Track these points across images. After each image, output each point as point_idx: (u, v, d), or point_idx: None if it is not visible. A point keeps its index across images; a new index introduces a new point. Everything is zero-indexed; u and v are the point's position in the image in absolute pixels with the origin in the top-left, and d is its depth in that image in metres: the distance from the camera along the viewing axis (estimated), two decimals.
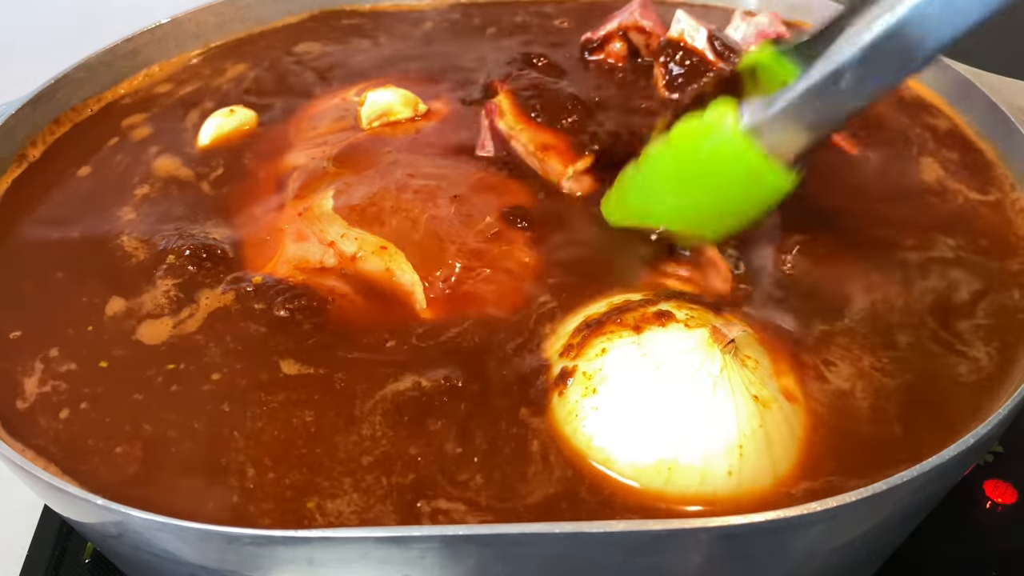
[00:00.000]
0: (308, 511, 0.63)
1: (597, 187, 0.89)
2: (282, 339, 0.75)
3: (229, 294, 0.79)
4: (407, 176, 0.88)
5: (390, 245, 0.80)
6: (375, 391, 0.70)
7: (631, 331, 0.67)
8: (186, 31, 1.17)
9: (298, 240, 0.83)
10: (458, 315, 0.76)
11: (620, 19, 1.13)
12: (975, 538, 0.84)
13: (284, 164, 0.96)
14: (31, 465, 0.62)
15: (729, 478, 0.62)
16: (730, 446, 0.62)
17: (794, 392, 0.67)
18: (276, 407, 0.69)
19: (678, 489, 0.62)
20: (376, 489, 0.64)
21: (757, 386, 0.65)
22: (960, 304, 0.78)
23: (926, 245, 0.84)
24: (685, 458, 0.62)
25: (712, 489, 0.62)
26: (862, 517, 0.59)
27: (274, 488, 0.64)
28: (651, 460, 0.63)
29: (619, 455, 0.64)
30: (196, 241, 0.84)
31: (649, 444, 0.63)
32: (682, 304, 0.70)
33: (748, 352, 0.66)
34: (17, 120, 0.98)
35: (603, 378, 0.66)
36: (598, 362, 0.67)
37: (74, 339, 0.76)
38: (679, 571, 0.60)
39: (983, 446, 0.62)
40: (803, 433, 0.66)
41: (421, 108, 1.02)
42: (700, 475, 0.62)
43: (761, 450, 0.63)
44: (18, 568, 0.86)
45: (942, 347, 0.74)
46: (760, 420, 0.63)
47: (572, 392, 0.66)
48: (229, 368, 0.73)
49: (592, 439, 0.65)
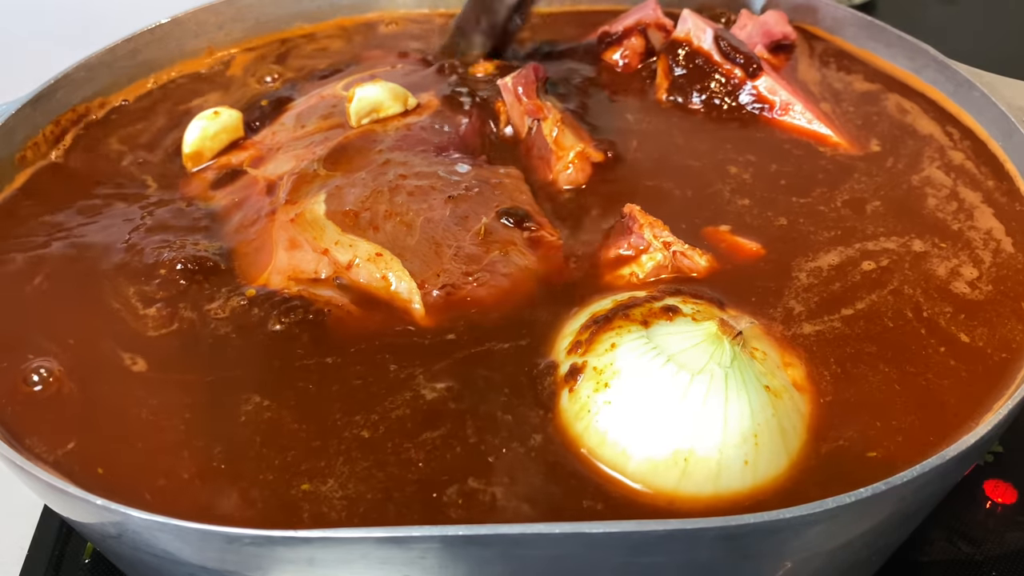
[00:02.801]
0: (305, 521, 0.62)
1: (587, 184, 0.90)
2: (278, 353, 0.74)
3: (223, 309, 0.78)
4: (400, 177, 0.87)
5: (385, 252, 0.79)
6: (375, 403, 0.70)
7: (640, 325, 0.68)
8: (186, 31, 1.17)
9: (291, 248, 0.81)
10: (458, 320, 0.75)
11: (640, 15, 1.12)
12: (975, 538, 0.84)
13: (273, 167, 0.93)
14: (31, 465, 0.62)
15: (745, 468, 0.63)
16: (745, 436, 0.63)
17: (801, 382, 0.68)
18: (273, 421, 0.69)
19: (694, 484, 0.62)
20: (380, 496, 0.63)
21: (768, 376, 0.66)
22: (960, 304, 0.78)
23: (925, 244, 0.84)
24: (702, 449, 0.63)
25: (727, 482, 0.62)
26: (862, 517, 0.59)
27: (273, 494, 0.64)
28: (667, 452, 0.63)
29: (635, 449, 0.64)
30: (186, 253, 0.82)
31: (665, 436, 0.63)
32: (687, 299, 0.71)
33: (756, 344, 0.68)
34: (17, 120, 0.98)
35: (615, 372, 0.66)
36: (608, 356, 0.67)
37: (69, 348, 0.76)
38: (679, 571, 0.60)
39: (983, 446, 0.62)
40: (812, 422, 0.67)
41: (411, 102, 0.99)
42: (717, 466, 0.62)
43: (775, 439, 0.64)
44: (18, 568, 0.86)
45: (942, 347, 0.74)
46: (773, 409, 0.64)
47: (583, 388, 0.66)
48: (224, 383, 0.72)
49: (607, 433, 0.65)
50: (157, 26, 1.14)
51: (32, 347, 0.76)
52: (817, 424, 0.67)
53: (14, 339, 0.77)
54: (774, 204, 0.89)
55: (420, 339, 0.74)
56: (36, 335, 0.77)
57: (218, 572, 0.60)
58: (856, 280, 0.80)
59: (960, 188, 0.91)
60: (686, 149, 0.97)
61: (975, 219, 0.87)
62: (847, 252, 0.83)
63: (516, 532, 0.54)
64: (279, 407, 0.70)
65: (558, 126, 0.93)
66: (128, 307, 0.79)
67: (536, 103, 0.95)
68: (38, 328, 0.78)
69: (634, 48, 1.11)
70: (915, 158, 0.95)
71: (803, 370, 0.70)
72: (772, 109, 1.00)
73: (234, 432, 0.68)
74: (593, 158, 0.93)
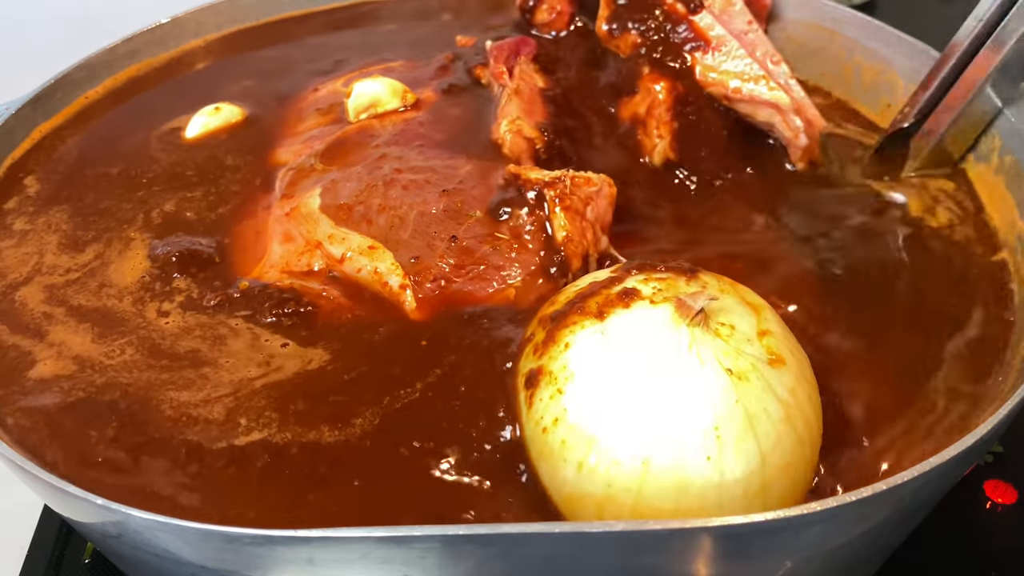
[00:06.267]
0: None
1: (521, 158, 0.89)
2: (270, 346, 0.74)
3: (216, 300, 0.78)
4: (395, 171, 0.87)
5: (378, 245, 0.79)
6: (364, 397, 0.70)
7: (594, 319, 0.63)
8: (186, 31, 1.17)
9: (285, 241, 0.82)
10: (449, 316, 0.75)
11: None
12: (975, 538, 0.84)
13: (271, 162, 0.95)
14: (31, 465, 0.62)
15: (709, 464, 0.58)
16: (705, 430, 0.59)
17: (778, 353, 0.62)
18: (264, 415, 0.69)
19: (658, 487, 0.59)
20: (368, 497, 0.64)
21: (731, 357, 0.60)
22: (960, 303, 0.78)
23: (924, 243, 0.84)
24: (660, 451, 0.59)
25: (692, 483, 0.59)
26: (862, 517, 0.59)
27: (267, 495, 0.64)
28: (627, 458, 0.59)
29: (593, 459, 0.60)
30: (182, 246, 0.83)
31: (622, 441, 0.59)
32: (650, 276, 0.65)
33: (721, 319, 0.62)
34: (17, 120, 0.98)
35: (569, 375, 0.62)
36: (563, 358, 0.62)
37: (67, 345, 0.76)
38: (679, 571, 0.60)
39: (983, 446, 0.62)
40: (796, 394, 0.61)
41: (409, 98, 1.00)
42: (678, 466, 0.58)
43: (742, 427, 0.59)
44: (18, 568, 0.86)
45: (943, 346, 0.74)
46: (736, 395, 0.59)
47: (542, 393, 0.63)
48: (217, 376, 0.72)
49: (564, 444, 0.61)
50: (157, 26, 1.14)
51: (30, 348, 0.76)
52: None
53: (11, 341, 0.77)
54: None
55: (411, 332, 0.74)
56: (32, 335, 0.77)
57: (218, 572, 0.60)
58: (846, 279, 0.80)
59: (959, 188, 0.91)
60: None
61: (973, 220, 0.87)
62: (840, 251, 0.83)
63: (516, 532, 0.54)
64: (268, 403, 0.70)
65: (508, 96, 0.93)
66: (122, 302, 0.79)
67: (498, 69, 0.95)
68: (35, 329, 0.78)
69: (554, 6, 1.08)
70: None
71: (782, 335, 0.64)
72: (708, 47, 0.95)
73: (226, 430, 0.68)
74: (527, 134, 0.90)
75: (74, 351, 0.75)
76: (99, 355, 0.75)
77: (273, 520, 0.62)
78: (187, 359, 0.74)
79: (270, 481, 0.65)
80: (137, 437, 0.68)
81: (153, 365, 0.74)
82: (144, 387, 0.72)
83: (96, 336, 0.77)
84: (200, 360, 0.74)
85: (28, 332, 0.78)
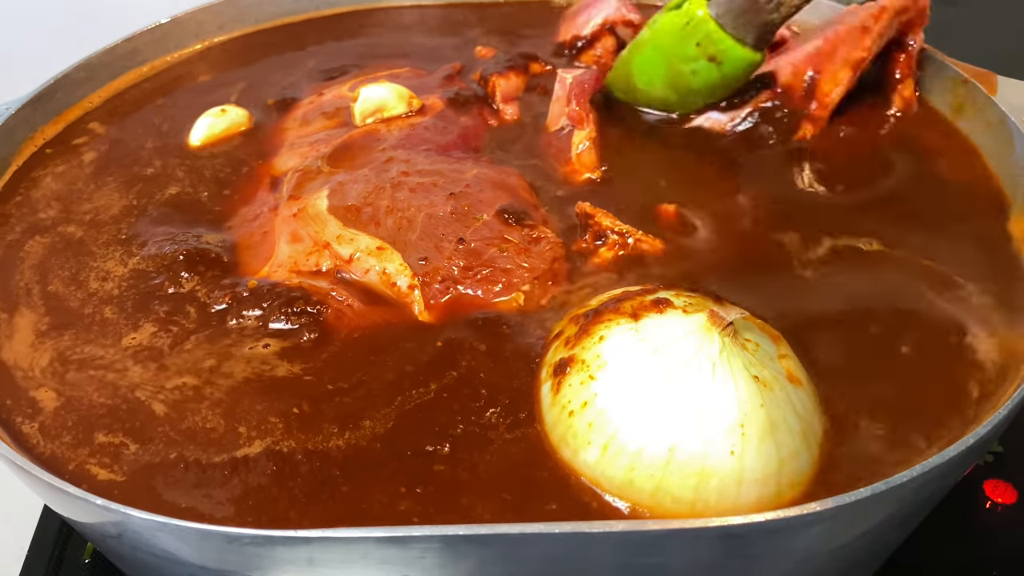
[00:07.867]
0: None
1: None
2: (278, 346, 0.74)
3: (224, 300, 0.78)
4: (402, 174, 0.88)
5: (387, 246, 0.80)
6: (373, 399, 0.70)
7: (629, 318, 0.67)
8: (186, 31, 1.17)
9: (292, 242, 0.83)
10: (458, 317, 0.76)
11: (605, 14, 1.12)
12: (975, 538, 0.84)
13: (277, 164, 0.96)
14: (31, 465, 0.62)
15: (732, 459, 0.61)
16: (731, 425, 0.62)
17: (797, 375, 0.67)
18: (272, 418, 0.69)
19: (681, 474, 0.61)
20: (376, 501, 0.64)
21: (758, 367, 0.64)
22: (958, 303, 0.78)
23: (923, 244, 0.84)
24: (687, 440, 0.62)
25: (713, 474, 0.61)
26: (862, 517, 0.59)
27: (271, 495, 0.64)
28: (654, 440, 0.62)
29: (622, 438, 0.63)
30: (190, 246, 0.83)
31: (650, 428, 0.62)
32: (680, 293, 0.71)
33: (748, 336, 0.66)
34: (17, 120, 0.98)
35: (602, 364, 0.65)
36: (596, 349, 0.66)
37: (71, 346, 0.76)
38: (679, 571, 0.60)
39: (983, 446, 0.62)
40: (811, 417, 0.66)
41: (415, 104, 1.01)
42: (702, 456, 0.61)
43: (764, 430, 0.62)
44: (18, 568, 0.86)
45: (941, 346, 0.74)
46: (761, 400, 0.63)
47: (572, 379, 0.66)
48: (226, 377, 0.72)
49: (593, 424, 0.64)
50: (157, 26, 1.14)
51: (32, 347, 0.76)
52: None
53: (12, 340, 0.77)
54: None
55: (419, 333, 0.75)
56: (35, 336, 0.77)
57: (218, 572, 0.60)
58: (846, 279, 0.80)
59: (959, 187, 0.91)
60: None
61: (973, 219, 0.87)
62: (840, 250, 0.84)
63: (516, 532, 0.54)
64: (277, 404, 0.70)
65: (588, 142, 0.94)
66: (128, 304, 0.79)
67: (580, 112, 0.96)
68: (36, 329, 0.78)
69: (607, 48, 1.12)
70: (912, 157, 0.95)
71: (798, 362, 0.69)
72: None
73: (232, 424, 0.68)
74: (592, 176, 0.93)
75: (76, 354, 0.76)
76: (101, 355, 0.75)
77: (277, 521, 0.62)
78: (191, 360, 0.74)
79: (276, 483, 0.65)
80: (141, 436, 0.68)
81: (156, 365, 0.74)
82: (149, 387, 0.72)
83: (96, 336, 0.77)
84: (205, 360, 0.74)
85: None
